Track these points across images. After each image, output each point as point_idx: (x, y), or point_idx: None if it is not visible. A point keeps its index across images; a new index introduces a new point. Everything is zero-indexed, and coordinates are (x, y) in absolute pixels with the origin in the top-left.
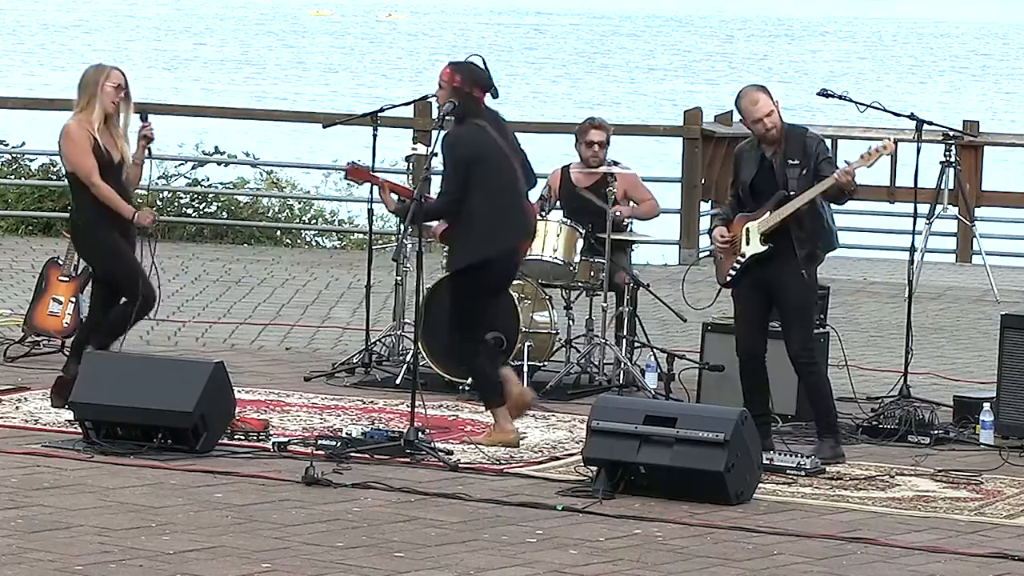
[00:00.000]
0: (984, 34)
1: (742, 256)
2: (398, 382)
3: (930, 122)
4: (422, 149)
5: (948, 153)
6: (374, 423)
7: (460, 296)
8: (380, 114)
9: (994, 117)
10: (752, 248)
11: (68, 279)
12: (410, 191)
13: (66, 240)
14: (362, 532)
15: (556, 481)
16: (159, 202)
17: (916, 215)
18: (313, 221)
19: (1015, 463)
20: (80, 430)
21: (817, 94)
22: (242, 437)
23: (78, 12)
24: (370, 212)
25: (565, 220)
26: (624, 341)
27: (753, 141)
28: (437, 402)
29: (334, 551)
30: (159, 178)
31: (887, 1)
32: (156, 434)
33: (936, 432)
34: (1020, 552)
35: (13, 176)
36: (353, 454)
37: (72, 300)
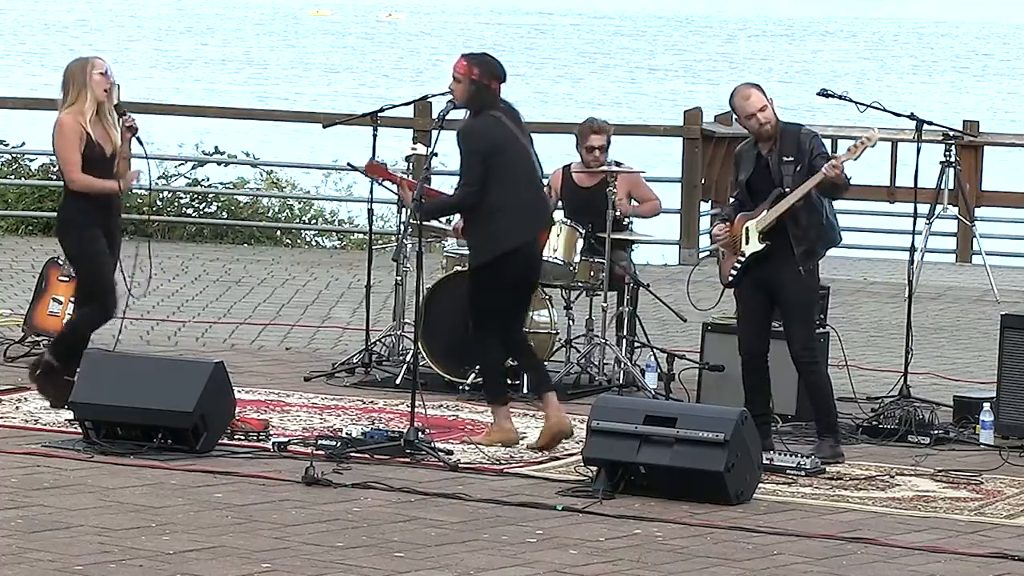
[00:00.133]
0: (985, 34)
1: (742, 256)
2: (398, 382)
3: (930, 122)
4: (422, 149)
5: (948, 153)
6: (374, 423)
7: (479, 290)
8: (380, 114)
9: (994, 117)
10: (751, 247)
11: (68, 279)
12: (432, 189)
13: None
14: (362, 532)
15: (556, 481)
16: (159, 202)
17: (916, 215)
18: (313, 221)
19: (1015, 463)
20: (80, 430)
21: (817, 94)
22: (242, 437)
23: (79, 12)
24: (370, 212)
25: (565, 220)
26: (624, 341)
27: (751, 141)
28: (437, 402)
29: (334, 551)
30: (159, 178)
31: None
32: (156, 434)
33: (936, 432)
34: (1020, 552)
35: (13, 176)
36: (353, 454)
37: (72, 300)
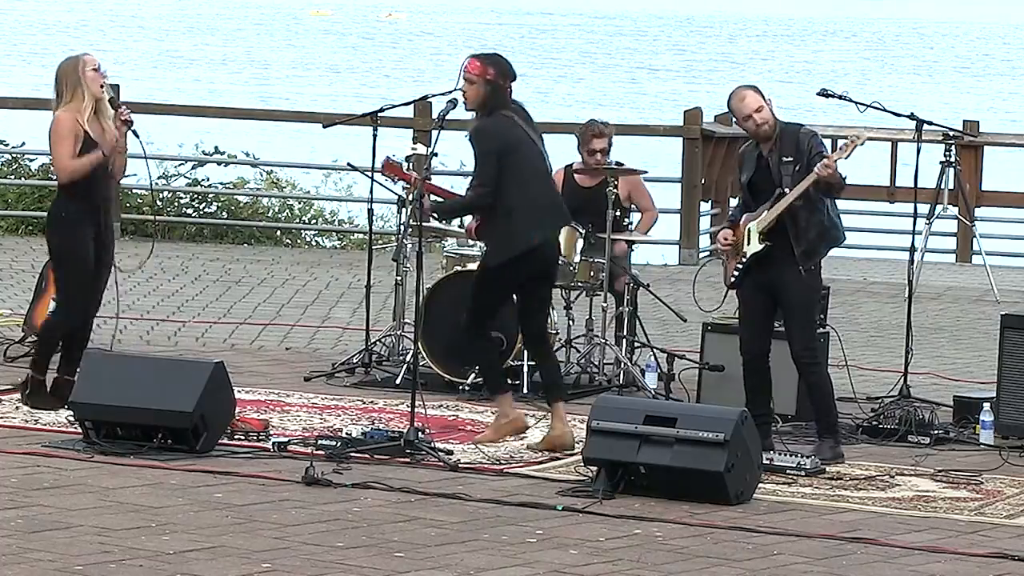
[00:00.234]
0: (985, 34)
1: (744, 256)
2: (398, 382)
3: (930, 122)
4: (422, 149)
5: (948, 153)
6: (374, 423)
7: (488, 288)
8: (380, 114)
9: (994, 117)
10: (751, 247)
11: None
12: (444, 190)
13: None
14: (362, 532)
15: (556, 481)
16: (159, 202)
17: (916, 215)
18: (313, 221)
19: (1015, 463)
20: (80, 430)
21: (817, 94)
22: (242, 437)
23: (80, 12)
24: (370, 212)
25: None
26: (624, 341)
27: (753, 142)
28: (437, 402)
29: (334, 551)
30: (159, 178)
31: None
32: (156, 434)
33: (936, 432)
34: (1020, 552)
35: (13, 176)
36: (353, 454)
37: None
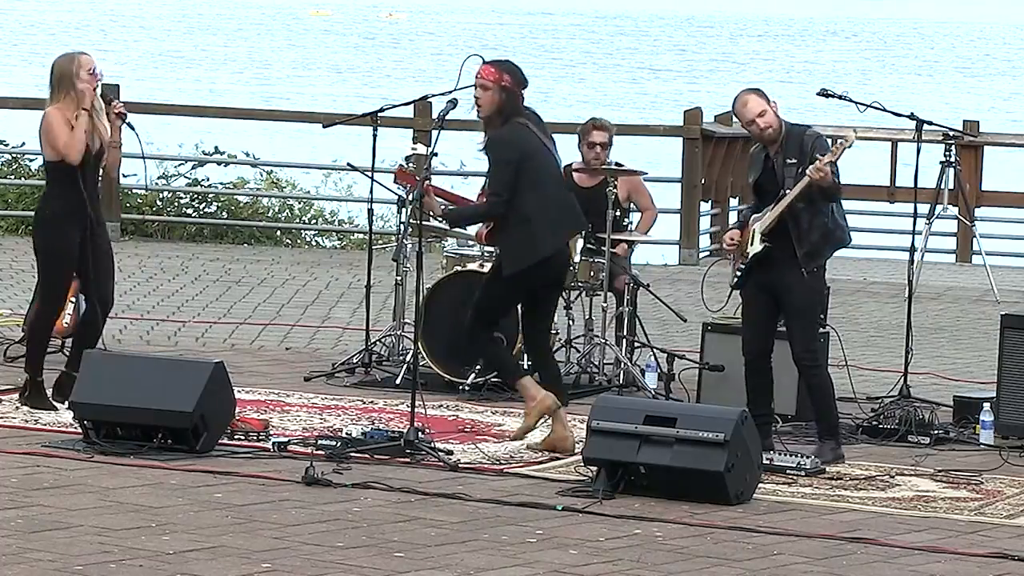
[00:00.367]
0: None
1: (747, 257)
2: (398, 382)
3: (930, 122)
4: (422, 149)
5: (948, 153)
6: (374, 423)
7: (499, 293)
8: (380, 114)
9: (996, 117)
10: (753, 248)
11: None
12: (457, 196)
13: None
14: (362, 532)
15: (556, 481)
16: (159, 202)
17: (916, 215)
18: (313, 221)
19: (1015, 463)
20: (80, 430)
21: (817, 94)
22: (242, 437)
23: (81, 12)
24: (370, 212)
25: None
26: (624, 341)
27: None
28: (437, 402)
29: (334, 551)
30: (159, 178)
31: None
32: (156, 434)
33: (936, 432)
34: (1020, 552)
35: (13, 176)
36: (353, 454)
37: (72, 300)
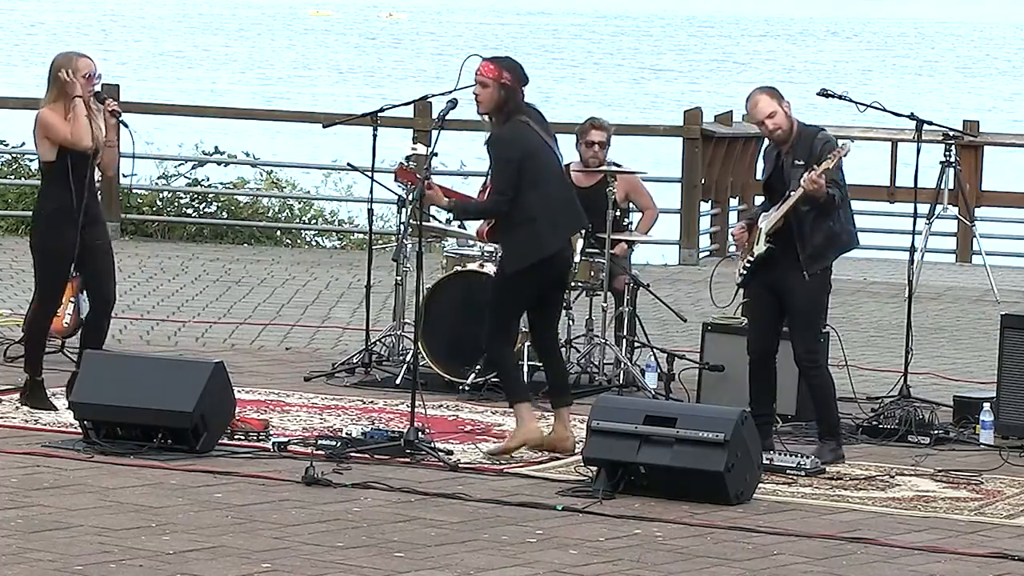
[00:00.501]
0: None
1: (752, 256)
2: (398, 382)
3: (930, 122)
4: (422, 149)
5: (948, 153)
6: (374, 423)
7: (508, 294)
8: (380, 114)
9: (998, 118)
10: (759, 249)
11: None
12: (461, 195)
13: None
14: (362, 532)
15: (556, 481)
16: (159, 202)
17: (916, 215)
18: (313, 221)
19: (1015, 463)
20: (80, 430)
21: (817, 94)
22: (242, 437)
23: (82, 13)
24: (370, 212)
25: None
26: (624, 341)
27: None
28: (437, 402)
29: (334, 551)
30: (159, 178)
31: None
32: (156, 434)
33: (936, 432)
34: (1020, 552)
35: (13, 176)
36: (353, 454)
37: (72, 300)
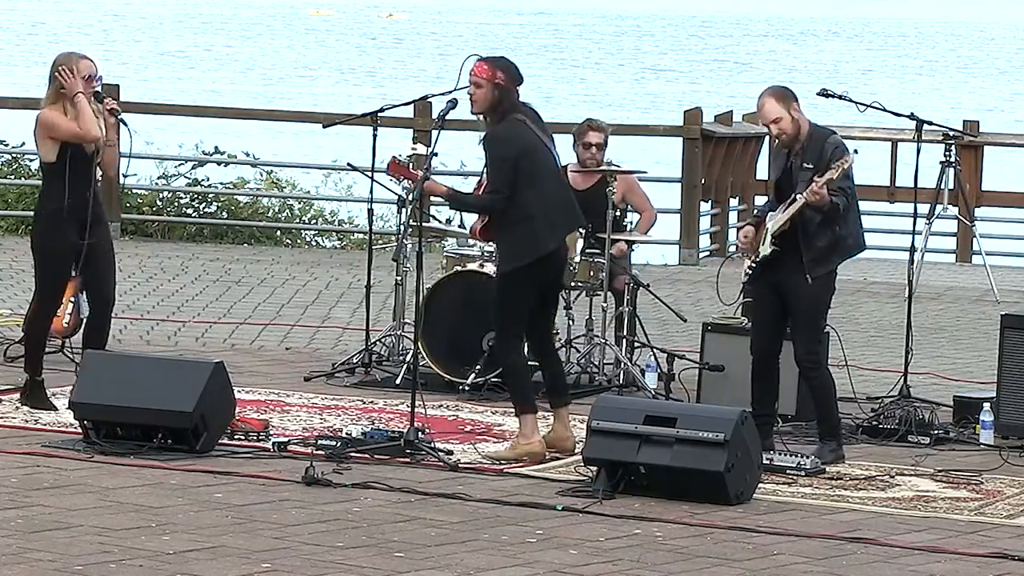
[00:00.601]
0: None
1: (757, 256)
2: (398, 382)
3: (930, 122)
4: (422, 149)
5: (948, 153)
6: (374, 423)
7: (509, 295)
8: (380, 114)
9: (999, 118)
10: (764, 250)
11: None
12: (449, 190)
13: None
14: (362, 532)
15: (556, 481)
16: (159, 202)
17: (916, 215)
18: (313, 221)
19: (1015, 463)
20: (80, 430)
21: (817, 94)
22: (242, 437)
23: (83, 13)
24: (370, 212)
25: None
26: (624, 341)
27: None
28: (437, 402)
29: (334, 551)
30: (159, 178)
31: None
32: (156, 434)
33: (936, 432)
34: (1020, 552)
35: (13, 176)
36: (353, 454)
37: (72, 300)
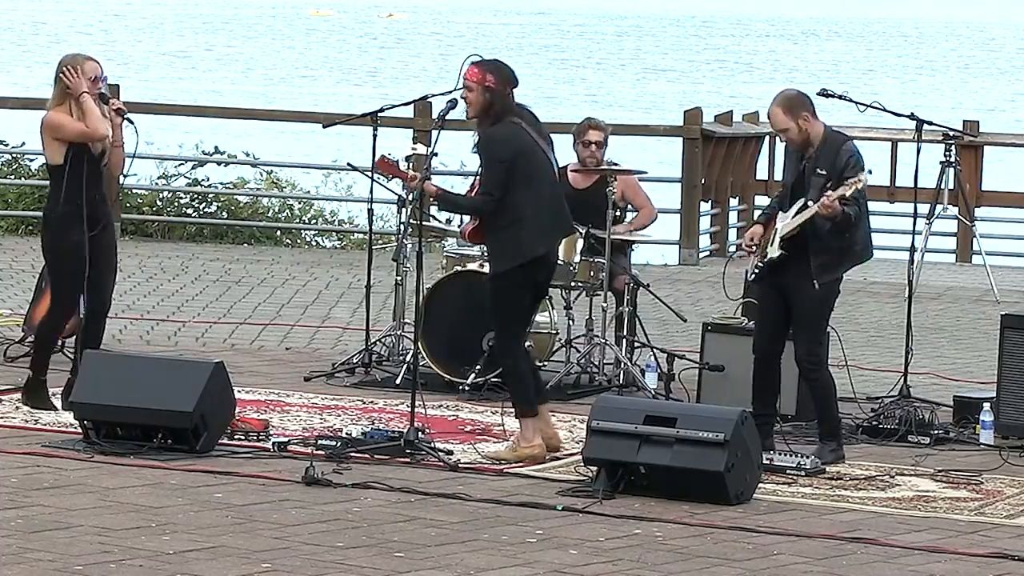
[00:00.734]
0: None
1: (764, 257)
2: (398, 382)
3: (930, 122)
4: (422, 149)
5: (948, 153)
6: (374, 423)
7: (504, 296)
8: (380, 114)
9: (1000, 119)
10: (772, 251)
11: None
12: (439, 190)
13: None
14: (362, 532)
15: (556, 481)
16: (159, 202)
17: (916, 215)
18: (313, 221)
19: (1015, 463)
20: (80, 430)
21: (817, 94)
22: (242, 437)
23: (83, 13)
24: (370, 212)
25: None
26: (624, 341)
27: None
28: (437, 402)
29: (334, 551)
30: (159, 178)
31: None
32: (156, 434)
33: (936, 432)
34: (1020, 552)
35: (13, 176)
36: (353, 454)
37: None
